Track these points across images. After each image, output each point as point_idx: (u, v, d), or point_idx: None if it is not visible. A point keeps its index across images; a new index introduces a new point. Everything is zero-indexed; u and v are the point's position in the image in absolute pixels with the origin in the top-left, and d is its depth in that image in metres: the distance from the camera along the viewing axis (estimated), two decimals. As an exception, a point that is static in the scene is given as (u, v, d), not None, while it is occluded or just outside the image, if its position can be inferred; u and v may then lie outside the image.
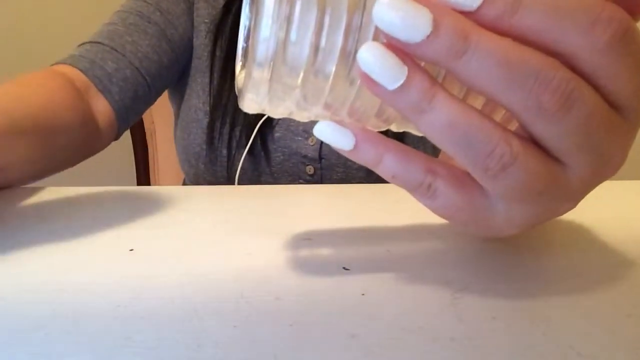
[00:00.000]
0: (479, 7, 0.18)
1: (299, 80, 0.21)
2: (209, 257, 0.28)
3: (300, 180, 0.62)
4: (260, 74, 0.20)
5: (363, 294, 0.24)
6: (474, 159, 0.19)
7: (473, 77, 0.18)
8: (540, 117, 0.18)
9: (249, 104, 0.23)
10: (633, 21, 0.18)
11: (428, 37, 0.18)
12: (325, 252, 0.29)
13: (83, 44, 0.57)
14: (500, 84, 0.18)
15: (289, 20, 0.19)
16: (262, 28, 0.19)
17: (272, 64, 0.20)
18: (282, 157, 0.61)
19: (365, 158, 0.22)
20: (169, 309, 0.23)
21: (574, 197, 0.22)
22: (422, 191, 0.22)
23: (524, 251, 0.29)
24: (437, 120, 0.19)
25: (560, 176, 0.20)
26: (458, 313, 0.22)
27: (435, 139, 0.20)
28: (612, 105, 0.19)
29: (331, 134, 0.22)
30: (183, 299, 0.24)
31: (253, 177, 0.62)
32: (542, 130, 0.19)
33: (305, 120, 0.24)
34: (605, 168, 0.21)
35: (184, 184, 0.75)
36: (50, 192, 0.41)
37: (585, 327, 0.21)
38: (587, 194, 0.22)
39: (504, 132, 0.19)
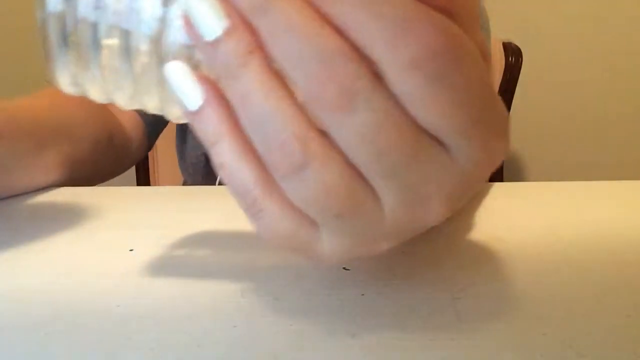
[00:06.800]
0: None
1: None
2: (209, 257, 0.28)
3: None
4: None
5: (363, 294, 0.24)
6: (266, 149, 0.17)
7: (271, 42, 0.16)
8: (323, 110, 0.16)
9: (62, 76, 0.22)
10: (462, 47, 0.16)
11: None
12: (325, 252, 0.29)
13: None
14: (290, 58, 0.16)
15: None
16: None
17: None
18: None
19: (202, 127, 0.18)
20: (169, 309, 0.23)
21: (388, 234, 0.19)
22: (247, 202, 0.19)
23: (523, 251, 0.29)
24: (242, 89, 0.17)
25: (367, 202, 0.18)
26: (458, 313, 0.22)
27: (236, 110, 0.18)
28: (434, 138, 0.17)
29: (180, 79, 0.18)
30: (183, 299, 0.24)
31: None
32: (330, 129, 0.17)
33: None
34: (420, 208, 0.18)
35: (184, 184, 0.75)
36: (50, 192, 0.41)
37: (585, 327, 0.21)
38: (405, 234, 0.20)
39: (305, 129, 0.17)
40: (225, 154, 0.18)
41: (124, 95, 0.22)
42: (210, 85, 0.18)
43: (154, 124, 0.59)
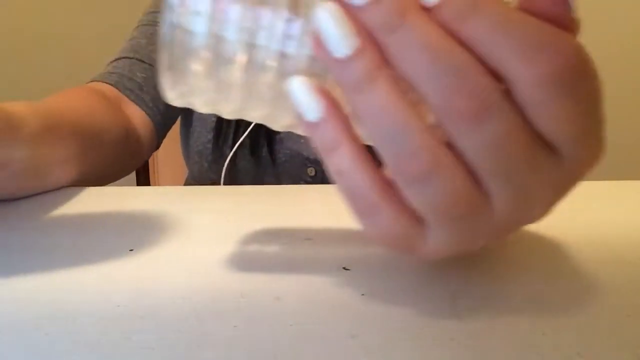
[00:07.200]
0: (437, 5, 0.17)
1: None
2: (209, 257, 0.28)
3: (301, 182, 0.62)
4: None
5: (363, 294, 0.24)
6: (394, 158, 0.18)
7: (400, 58, 0.17)
8: (453, 120, 0.17)
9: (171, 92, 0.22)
10: (587, 62, 0.17)
11: (369, 3, 0.17)
12: (325, 252, 0.29)
13: (110, 62, 0.59)
14: (422, 73, 0.17)
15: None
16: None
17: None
18: (284, 159, 0.61)
19: (321, 138, 0.20)
20: (169, 309, 0.23)
21: (493, 233, 0.20)
22: (361, 206, 0.20)
23: (524, 251, 0.29)
24: (371, 104, 0.18)
25: (481, 204, 0.19)
26: (458, 313, 0.22)
27: (364, 123, 0.19)
28: (548, 145, 0.18)
29: (302, 93, 0.19)
30: (183, 299, 0.24)
31: (256, 178, 0.62)
32: (458, 139, 0.18)
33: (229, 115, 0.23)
34: (528, 210, 0.19)
35: (185, 184, 0.75)
36: (49, 192, 0.41)
37: (585, 327, 0.21)
38: (507, 233, 0.21)
39: (432, 140, 0.18)
40: (342, 161, 0.19)
41: (232, 106, 0.22)
42: (330, 98, 0.19)
43: (162, 124, 0.60)
